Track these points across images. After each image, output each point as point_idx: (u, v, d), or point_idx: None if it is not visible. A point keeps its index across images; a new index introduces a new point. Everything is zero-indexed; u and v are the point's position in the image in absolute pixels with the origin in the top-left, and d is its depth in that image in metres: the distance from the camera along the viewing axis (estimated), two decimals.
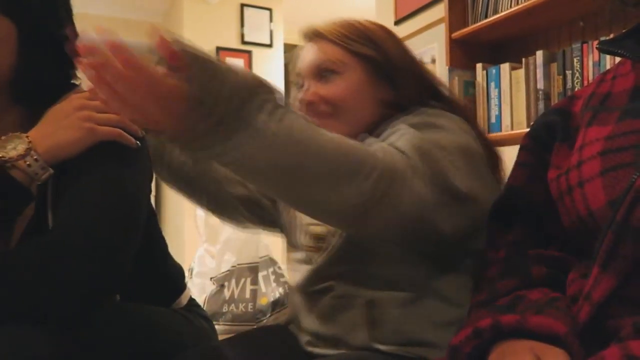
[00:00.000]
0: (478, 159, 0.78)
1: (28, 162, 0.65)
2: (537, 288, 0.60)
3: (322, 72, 0.85)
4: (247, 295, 1.82)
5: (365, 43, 0.85)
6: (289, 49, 5.40)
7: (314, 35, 0.88)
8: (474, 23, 1.94)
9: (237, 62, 3.84)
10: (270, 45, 3.97)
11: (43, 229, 0.68)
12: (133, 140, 0.72)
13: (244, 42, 3.87)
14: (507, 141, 1.76)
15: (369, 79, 0.85)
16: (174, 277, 0.95)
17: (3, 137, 0.66)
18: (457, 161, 0.72)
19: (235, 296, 1.82)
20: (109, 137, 0.69)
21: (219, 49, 3.77)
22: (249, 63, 3.87)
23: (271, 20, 3.99)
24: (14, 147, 0.65)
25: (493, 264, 0.66)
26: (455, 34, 1.99)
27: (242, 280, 1.84)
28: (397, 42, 0.90)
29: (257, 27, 3.94)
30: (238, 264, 1.85)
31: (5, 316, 0.60)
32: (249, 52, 3.88)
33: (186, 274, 1.32)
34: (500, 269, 0.65)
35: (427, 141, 0.72)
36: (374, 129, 0.83)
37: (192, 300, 0.98)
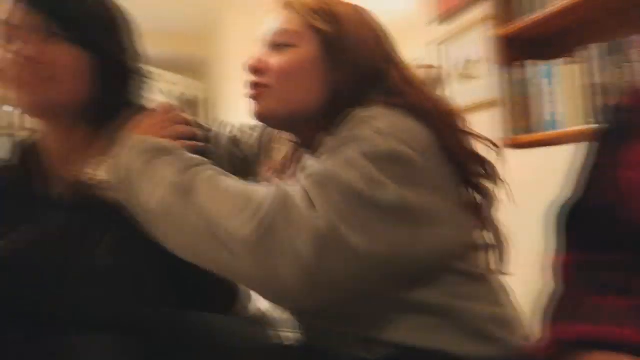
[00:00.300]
0: (407, 165, 0.65)
1: None
2: (612, 295, 0.59)
3: (277, 42, 0.80)
4: None
5: (328, 19, 0.78)
6: None
7: (284, 4, 0.83)
8: (521, 19, 1.89)
9: None
10: None
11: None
12: (197, 143, 0.78)
13: None
14: (564, 139, 1.71)
15: (322, 57, 0.77)
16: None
17: (93, 162, 0.73)
18: (375, 173, 0.63)
19: None
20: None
21: None
22: None
23: None
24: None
25: (567, 270, 0.65)
26: (502, 31, 1.95)
27: None
28: (365, 23, 0.81)
29: None
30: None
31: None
32: None
33: None
34: (574, 275, 0.65)
35: (334, 167, 0.65)
36: (325, 124, 0.76)
37: (259, 310, 1.01)
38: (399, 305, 0.70)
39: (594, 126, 1.43)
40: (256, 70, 0.80)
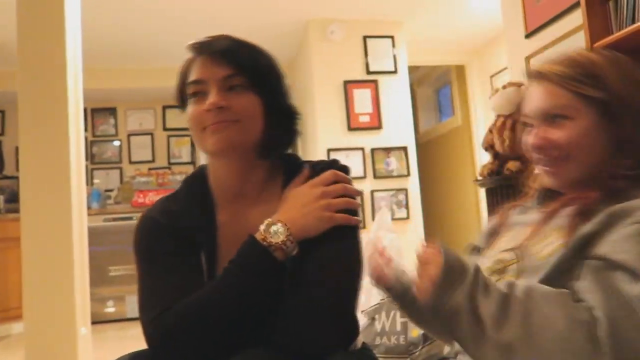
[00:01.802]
0: None
1: (287, 245, 0.81)
2: None
3: (551, 117, 0.84)
4: (398, 327, 1.86)
5: (594, 84, 0.81)
6: (413, 70, 5.43)
7: (539, 77, 0.87)
8: (619, 29, 1.79)
9: (364, 93, 3.97)
10: (394, 72, 4.04)
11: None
12: (357, 220, 0.88)
13: (369, 72, 4.00)
14: None
15: (600, 122, 0.82)
16: (355, 322, 1.04)
17: (266, 223, 0.83)
18: None
19: (387, 329, 1.86)
20: (344, 223, 0.85)
21: (346, 82, 3.93)
22: (376, 91, 3.97)
23: (394, 46, 4.06)
24: (276, 233, 0.82)
25: None
26: (598, 43, 1.86)
27: (392, 312, 1.88)
28: (627, 76, 0.84)
29: (380, 56, 4.04)
30: (387, 297, 1.90)
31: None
32: (375, 82, 3.99)
33: None
34: None
35: None
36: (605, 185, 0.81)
37: (364, 344, 1.05)
38: None
39: None
40: (540, 147, 0.86)
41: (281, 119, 0.92)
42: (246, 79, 0.86)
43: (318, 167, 0.92)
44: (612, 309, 0.66)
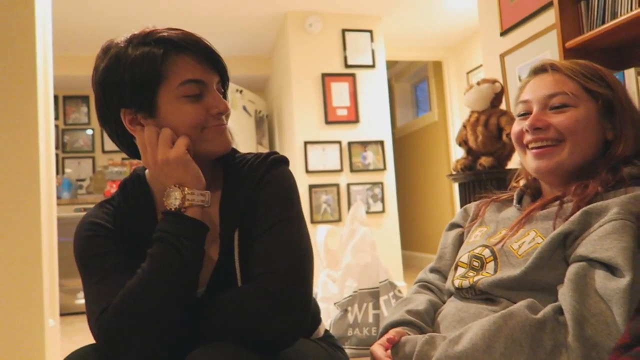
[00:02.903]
0: None
1: (191, 199, 0.82)
2: None
3: (554, 103, 0.91)
4: (370, 319, 1.88)
5: (600, 82, 0.90)
6: (391, 65, 5.45)
7: (551, 68, 0.94)
8: (590, 29, 1.83)
9: (342, 86, 3.97)
10: (372, 66, 4.05)
11: (229, 271, 0.85)
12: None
13: (347, 66, 4.00)
14: None
15: (598, 116, 0.89)
16: (314, 309, 1.04)
17: (165, 194, 0.84)
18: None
19: (359, 320, 1.88)
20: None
21: (324, 75, 3.93)
22: (354, 85, 3.98)
23: (372, 41, 4.07)
24: (171, 196, 0.83)
25: None
26: (570, 43, 1.89)
27: (365, 305, 1.90)
28: (624, 88, 0.94)
29: (359, 50, 4.04)
30: (359, 289, 1.92)
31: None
32: (353, 75, 3.99)
33: None
34: None
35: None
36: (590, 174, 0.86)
37: (327, 332, 1.06)
38: None
39: None
40: (539, 128, 0.90)
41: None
42: (223, 84, 0.92)
43: (257, 160, 0.92)
44: (582, 311, 0.68)
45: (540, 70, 0.96)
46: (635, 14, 1.63)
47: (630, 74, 1.73)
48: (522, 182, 1.03)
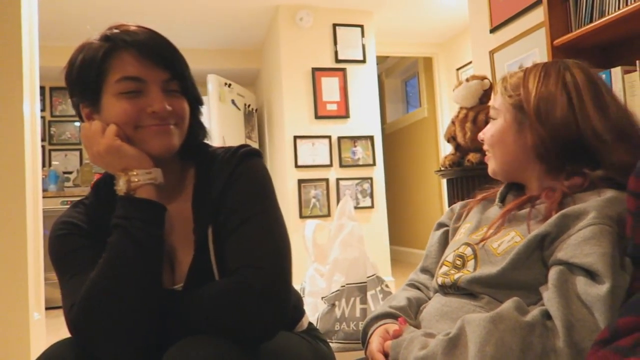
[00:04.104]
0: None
1: (137, 179, 0.83)
2: None
3: (490, 115, 0.99)
4: (358, 314, 1.88)
5: (514, 92, 0.93)
6: (381, 61, 5.45)
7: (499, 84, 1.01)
8: (578, 27, 1.85)
9: (332, 81, 3.96)
10: (363, 61, 4.05)
11: (206, 266, 0.85)
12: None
13: (337, 61, 3.99)
14: None
15: (515, 124, 0.92)
16: (296, 302, 1.04)
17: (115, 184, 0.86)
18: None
19: (346, 315, 1.89)
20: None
21: (314, 70, 3.92)
22: (344, 80, 3.98)
23: (363, 35, 4.06)
24: (118, 182, 0.84)
25: (624, 303, 0.67)
26: (558, 41, 1.91)
27: (352, 299, 1.91)
28: (551, 86, 0.89)
29: (349, 45, 4.03)
30: (347, 284, 1.93)
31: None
32: (343, 70, 3.99)
33: None
34: (624, 306, 0.65)
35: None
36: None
37: (310, 324, 1.07)
38: None
39: None
40: (483, 140, 1.00)
41: (198, 117, 0.96)
42: (179, 84, 0.88)
43: (227, 153, 0.92)
44: (569, 317, 0.69)
45: None
46: (622, 13, 1.65)
47: (616, 72, 1.74)
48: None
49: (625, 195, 0.74)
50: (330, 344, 1.83)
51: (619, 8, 1.67)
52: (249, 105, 4.79)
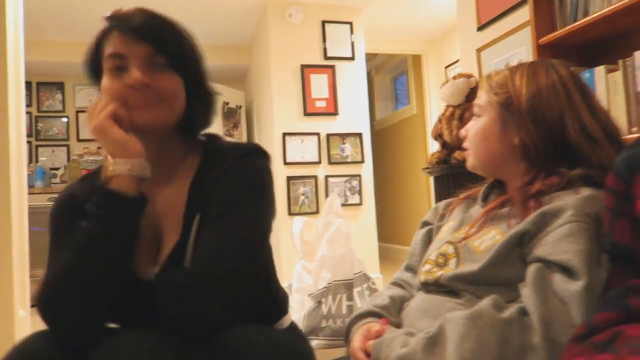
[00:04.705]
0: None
1: (112, 168, 0.82)
2: (636, 322, 0.60)
3: (474, 112, 1.00)
4: (344, 310, 1.89)
5: (499, 89, 0.93)
6: (371, 58, 5.46)
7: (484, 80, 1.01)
8: (563, 26, 1.87)
9: (321, 78, 3.96)
10: (352, 58, 4.05)
11: (184, 253, 0.85)
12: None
13: (326, 58, 3.99)
14: None
15: (499, 122, 0.93)
16: (281, 300, 1.05)
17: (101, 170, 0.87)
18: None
19: (333, 312, 1.90)
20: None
21: (303, 66, 3.91)
22: (333, 77, 3.98)
23: (352, 33, 4.06)
24: (105, 169, 0.84)
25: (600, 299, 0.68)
26: (543, 39, 1.93)
27: (339, 296, 1.92)
28: (536, 84, 0.90)
29: (338, 42, 4.03)
30: (334, 281, 1.93)
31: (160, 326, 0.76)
32: (332, 67, 3.99)
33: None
34: (600, 301, 0.66)
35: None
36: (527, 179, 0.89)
37: (292, 323, 1.07)
38: None
39: (636, 135, 1.41)
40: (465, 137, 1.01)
41: (201, 99, 0.94)
42: (166, 58, 0.87)
43: (233, 147, 0.93)
44: (546, 313, 0.70)
45: None
46: (606, 13, 1.67)
47: (600, 71, 1.77)
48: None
49: (602, 193, 0.76)
50: (317, 340, 1.84)
51: (603, 7, 1.70)
52: (227, 103, 4.76)
